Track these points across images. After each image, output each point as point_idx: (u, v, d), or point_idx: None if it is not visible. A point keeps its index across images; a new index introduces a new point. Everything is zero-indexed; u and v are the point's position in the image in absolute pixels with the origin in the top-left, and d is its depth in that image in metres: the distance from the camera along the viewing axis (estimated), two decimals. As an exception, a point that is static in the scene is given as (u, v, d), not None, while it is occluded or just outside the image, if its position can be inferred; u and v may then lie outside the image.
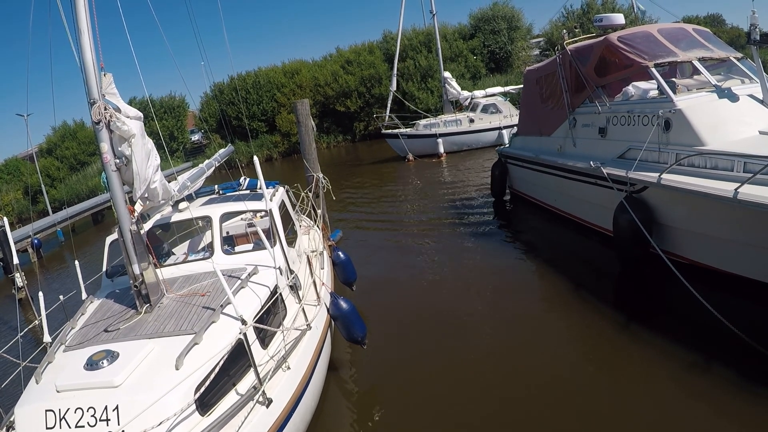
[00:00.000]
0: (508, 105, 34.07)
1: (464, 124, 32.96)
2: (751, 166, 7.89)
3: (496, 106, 33.47)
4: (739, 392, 6.41)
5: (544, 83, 15.05)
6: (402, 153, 33.40)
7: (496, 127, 32.09)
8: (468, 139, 32.72)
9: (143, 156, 6.79)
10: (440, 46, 38.76)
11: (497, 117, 32.74)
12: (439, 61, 38.32)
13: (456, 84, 37.29)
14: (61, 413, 5.04)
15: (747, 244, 8.26)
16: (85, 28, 6.48)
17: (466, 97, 35.84)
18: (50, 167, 54.56)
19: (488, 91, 36.39)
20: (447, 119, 33.55)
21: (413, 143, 32.92)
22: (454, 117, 33.50)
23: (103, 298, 7.32)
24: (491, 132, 32.39)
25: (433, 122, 33.60)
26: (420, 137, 33.08)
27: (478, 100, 34.68)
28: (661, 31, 11.57)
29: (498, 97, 35.20)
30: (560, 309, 9.66)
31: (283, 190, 10.02)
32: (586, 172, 11.77)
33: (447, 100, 37.07)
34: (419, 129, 33.64)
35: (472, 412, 7.05)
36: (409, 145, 32.80)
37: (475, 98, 35.09)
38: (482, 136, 32.58)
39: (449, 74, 37.65)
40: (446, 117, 34.13)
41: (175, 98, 60.29)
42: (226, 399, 5.51)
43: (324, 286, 8.86)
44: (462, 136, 32.71)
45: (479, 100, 34.42)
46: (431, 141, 32.54)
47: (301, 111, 14.59)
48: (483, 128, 32.64)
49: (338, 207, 19.99)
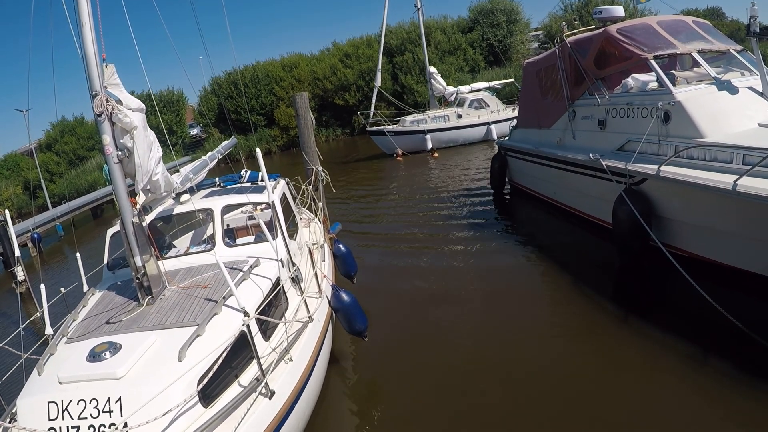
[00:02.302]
0: (496, 100, 33.90)
1: (452, 120, 32.58)
2: (750, 158, 7.91)
3: (484, 101, 33.22)
4: (738, 383, 6.44)
5: (543, 76, 15.06)
6: (388, 150, 32.81)
7: (485, 123, 32.01)
8: (456, 135, 32.37)
9: (145, 148, 6.78)
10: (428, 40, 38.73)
11: (485, 112, 32.51)
12: (424, 56, 37.94)
13: (441, 79, 36.91)
14: (64, 405, 5.03)
15: (746, 237, 8.28)
16: (86, 20, 6.46)
17: (451, 92, 35.48)
18: (49, 162, 54.62)
19: (473, 86, 36.18)
20: (435, 115, 33.09)
21: (401, 140, 32.34)
22: (442, 113, 33.03)
23: (104, 290, 7.31)
24: (479, 127, 32.24)
25: (421, 118, 33.09)
26: (407, 133, 32.55)
27: (464, 95, 34.37)
28: (661, 23, 11.56)
29: (485, 92, 34.94)
30: (560, 301, 9.70)
31: (284, 183, 10.02)
32: (585, 164, 11.79)
33: (433, 95, 36.68)
34: (406, 125, 33.06)
35: (473, 402, 7.09)
36: (397, 142, 32.22)
37: (461, 93, 34.76)
38: (470, 131, 32.35)
39: (435, 69, 37.28)
40: (433, 113, 33.61)
41: (173, 92, 60.19)
42: (229, 391, 5.52)
43: (325, 278, 8.88)
44: (450, 131, 32.31)
45: (466, 96, 34.13)
46: (419, 137, 32.06)
47: (300, 104, 14.56)
48: (471, 123, 32.37)
49: (337, 201, 20.00)
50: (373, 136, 33.74)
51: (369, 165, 31.99)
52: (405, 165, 29.42)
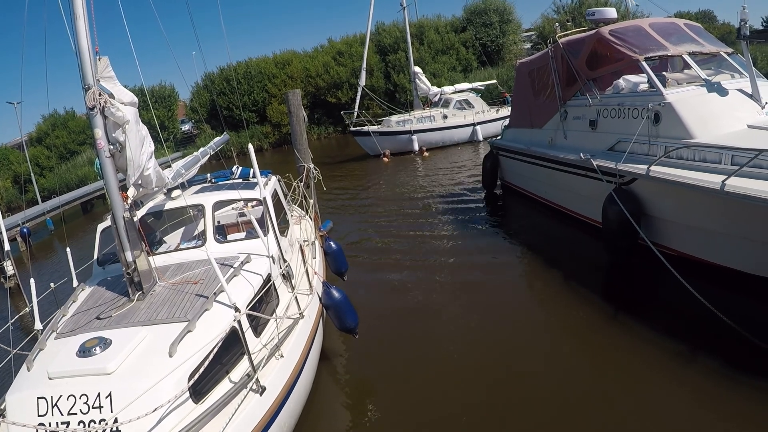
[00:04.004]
0: (480, 101, 33.80)
1: (438, 121, 32.27)
2: (738, 158, 7.99)
3: (469, 101, 33.08)
4: (729, 380, 6.52)
5: (536, 76, 15.11)
6: (372, 151, 32.15)
7: (470, 123, 31.90)
8: (442, 136, 32.08)
9: (137, 142, 6.76)
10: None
11: (470, 113, 32.39)
12: (409, 56, 37.45)
13: (426, 79, 36.63)
14: (54, 400, 5.00)
15: (734, 236, 8.36)
16: (80, 13, 6.43)
17: (435, 93, 35.16)
18: (40, 156, 54.24)
19: (457, 87, 35.96)
20: (421, 115, 32.69)
21: (386, 140, 31.80)
22: (428, 113, 32.66)
23: (94, 285, 7.28)
24: (466, 128, 32.09)
25: (407, 118, 32.62)
26: (394, 134, 32.05)
27: (449, 96, 34.14)
28: (653, 25, 11.63)
29: (469, 92, 34.82)
30: (549, 299, 9.75)
31: (276, 179, 10.01)
32: (576, 164, 11.85)
33: (417, 95, 36.32)
34: (391, 125, 32.55)
35: (461, 400, 7.11)
36: (382, 143, 31.63)
37: (445, 94, 34.53)
38: (457, 132, 32.16)
39: (420, 69, 36.95)
40: (419, 113, 33.22)
41: (165, 87, 59.92)
42: (220, 386, 5.52)
43: (316, 275, 8.88)
44: (436, 132, 32.00)
45: (451, 96, 33.91)
46: (405, 138, 31.66)
47: (292, 101, 14.55)
48: (457, 124, 32.16)
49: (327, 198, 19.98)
50: (357, 136, 33.07)
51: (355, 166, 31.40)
52: (392, 165, 29.08)
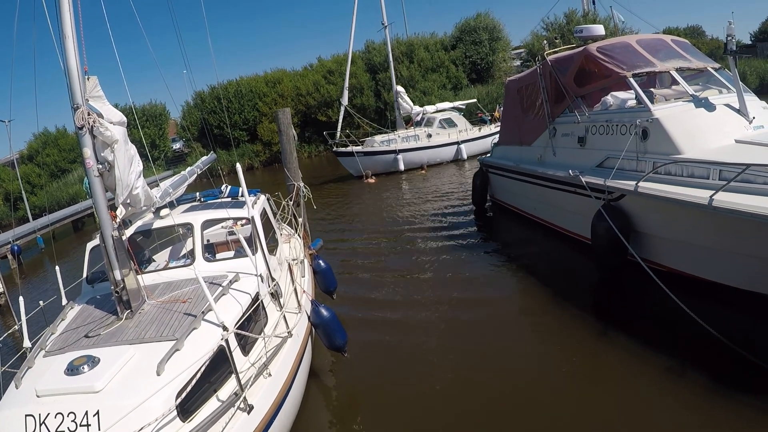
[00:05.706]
0: (463, 119, 33.79)
1: (423, 140, 31.99)
2: (726, 173, 8.03)
3: (452, 120, 33.03)
4: (716, 393, 6.54)
5: (525, 93, 15.18)
6: (356, 172, 31.31)
7: (455, 142, 31.87)
8: (427, 155, 31.76)
9: (126, 162, 6.78)
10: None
11: (454, 131, 32.33)
12: (391, 75, 37.09)
13: (408, 98, 36.42)
14: (41, 418, 4.99)
15: (723, 251, 8.39)
16: (69, 33, 6.47)
17: (417, 112, 34.93)
18: (31, 174, 53.96)
19: (439, 106, 35.87)
20: (406, 134, 32.37)
21: (371, 160, 31.13)
22: (413, 132, 32.37)
23: (83, 303, 7.27)
24: (450, 147, 32.03)
25: (391, 138, 32.21)
26: (378, 153, 31.46)
27: (431, 115, 34.03)
28: (640, 41, 11.74)
29: (452, 111, 34.76)
30: (539, 316, 9.74)
31: (264, 198, 10.02)
32: (565, 180, 11.89)
33: (399, 115, 36.03)
34: (375, 145, 32.01)
35: (449, 416, 7.09)
36: (367, 163, 30.91)
37: (427, 113, 34.39)
38: (442, 151, 32.02)
39: (402, 89, 36.75)
40: (403, 132, 32.90)
41: (156, 106, 59.91)
42: (208, 405, 5.50)
43: (305, 293, 8.87)
44: (422, 151, 31.65)
45: (434, 115, 33.78)
46: (390, 158, 31.21)
47: (282, 120, 14.59)
48: (442, 143, 32.02)
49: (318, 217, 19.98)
50: (340, 157, 32.27)
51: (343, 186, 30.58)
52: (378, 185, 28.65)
